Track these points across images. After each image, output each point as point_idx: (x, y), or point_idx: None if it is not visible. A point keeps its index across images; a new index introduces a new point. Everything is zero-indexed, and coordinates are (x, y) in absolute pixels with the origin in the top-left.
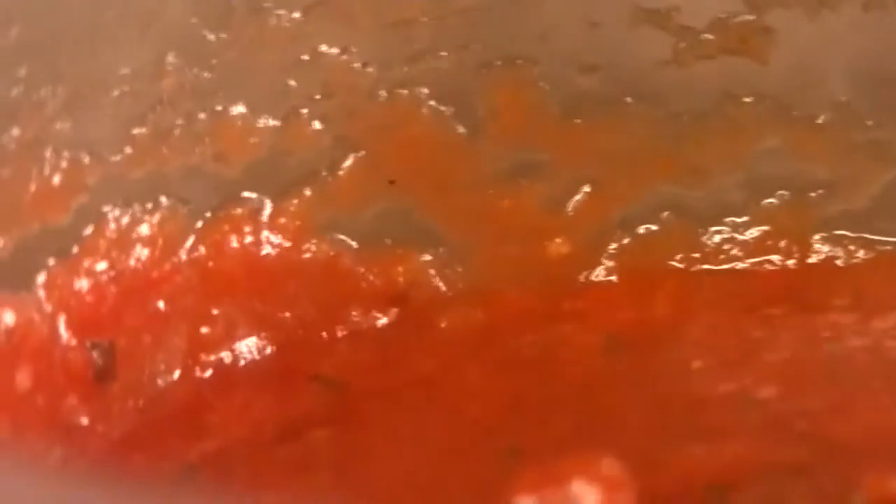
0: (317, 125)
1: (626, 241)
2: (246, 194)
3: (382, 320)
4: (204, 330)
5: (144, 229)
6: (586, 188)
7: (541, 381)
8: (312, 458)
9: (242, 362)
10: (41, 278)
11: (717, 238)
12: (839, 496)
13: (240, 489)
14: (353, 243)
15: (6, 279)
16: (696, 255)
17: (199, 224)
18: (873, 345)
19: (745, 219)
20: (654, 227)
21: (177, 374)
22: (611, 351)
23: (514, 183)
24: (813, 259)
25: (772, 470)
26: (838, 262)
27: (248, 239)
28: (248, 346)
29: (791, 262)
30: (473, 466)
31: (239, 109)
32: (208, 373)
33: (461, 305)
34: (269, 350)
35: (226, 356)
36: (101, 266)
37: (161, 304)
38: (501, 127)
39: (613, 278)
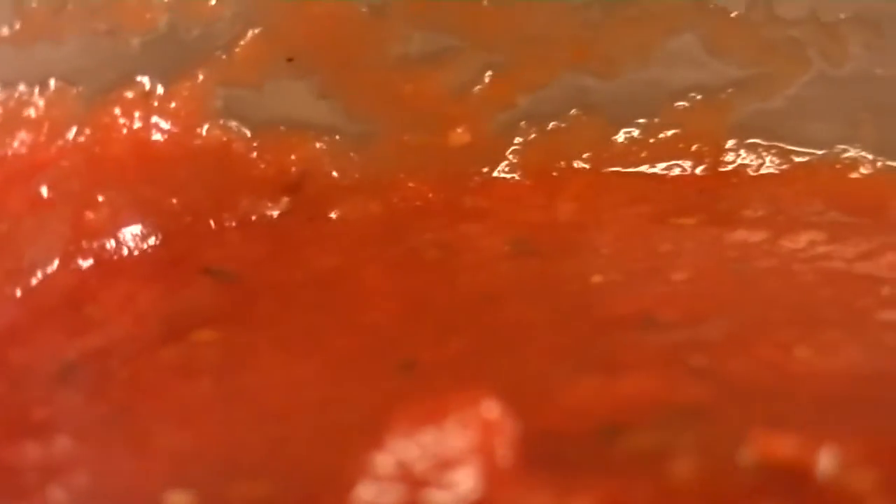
0: (213, 0)
1: (532, 136)
2: (138, 78)
3: (274, 210)
4: (89, 216)
5: (31, 112)
6: (489, 73)
7: (442, 288)
8: (196, 363)
9: (126, 250)
10: None
11: (626, 138)
12: (727, 450)
13: (117, 393)
14: (246, 130)
15: None
16: (605, 155)
17: (88, 107)
18: (781, 267)
19: (655, 120)
20: (562, 125)
21: (57, 262)
22: (515, 256)
23: (417, 67)
24: (726, 168)
25: (665, 411)
26: (751, 172)
27: (138, 124)
28: (134, 234)
29: (702, 169)
30: (363, 382)
31: None
32: (90, 261)
33: (357, 196)
34: (155, 238)
35: (109, 244)
36: None
37: (44, 190)
38: (407, 6)
39: (517, 175)
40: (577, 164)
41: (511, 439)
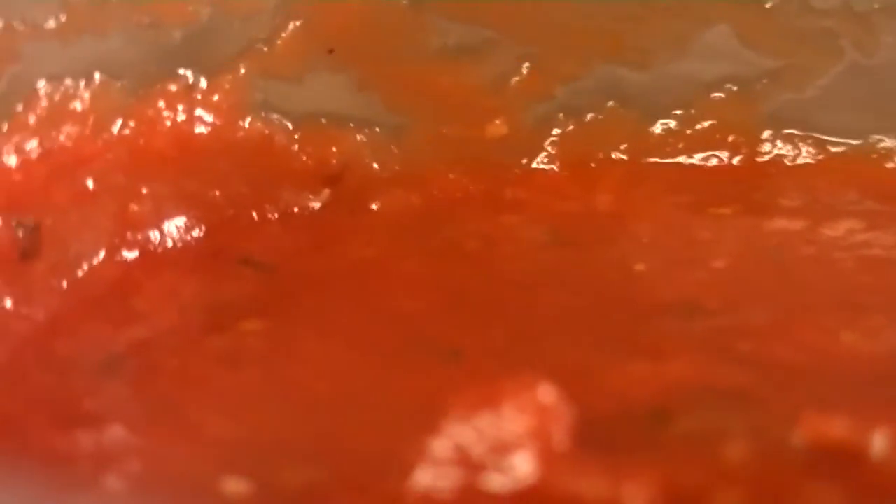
0: None
1: (570, 128)
2: (181, 71)
3: (315, 202)
4: (133, 208)
5: (76, 105)
6: (526, 65)
7: (481, 278)
8: (242, 353)
9: (171, 243)
10: None
11: (663, 130)
12: (778, 432)
13: (164, 383)
14: (288, 123)
15: None
16: (642, 146)
17: (132, 100)
18: (820, 255)
19: (692, 111)
20: (599, 117)
21: (102, 254)
22: (553, 246)
23: (455, 59)
24: (762, 158)
25: (712, 395)
26: (787, 162)
27: (181, 117)
28: (177, 226)
29: (738, 159)
30: (411, 370)
31: None
32: (135, 253)
33: (397, 188)
34: (198, 231)
35: (154, 236)
36: (31, 144)
37: (90, 183)
38: None
39: (556, 167)
40: (614, 155)
41: (566, 423)
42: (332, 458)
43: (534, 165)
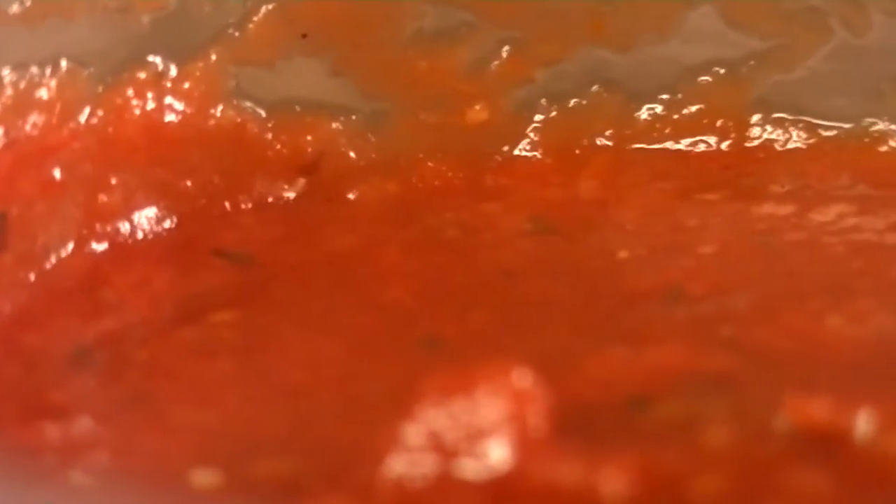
0: None
1: (553, 113)
2: (150, 58)
3: (290, 192)
4: (102, 199)
5: (42, 93)
6: (506, 49)
7: (462, 266)
8: (214, 344)
9: (141, 234)
10: None
11: (649, 115)
12: (761, 416)
13: (134, 375)
14: (261, 110)
15: None
16: (628, 131)
17: (100, 88)
18: (809, 240)
19: (678, 96)
20: (583, 102)
21: (71, 245)
22: (536, 234)
23: (433, 43)
24: (752, 143)
25: (694, 380)
26: (777, 147)
27: (151, 105)
28: (148, 217)
29: (727, 144)
30: (387, 358)
31: None
32: (104, 245)
33: (374, 176)
34: (169, 221)
35: (123, 227)
36: None
37: (57, 173)
38: None
39: (538, 153)
40: (599, 141)
41: (543, 409)
42: (305, 448)
43: (516, 152)
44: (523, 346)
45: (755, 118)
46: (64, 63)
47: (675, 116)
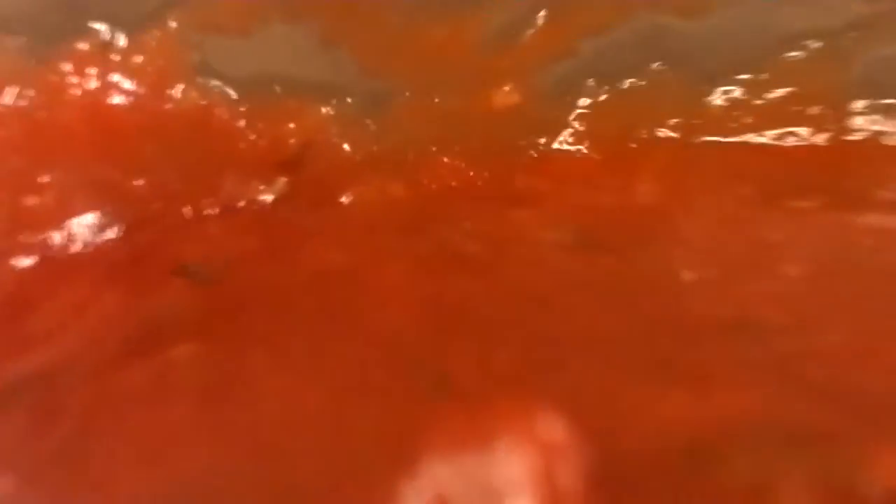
0: None
1: (602, 97)
2: (93, 24)
3: (267, 194)
4: (29, 201)
5: None
6: (543, 13)
7: (483, 289)
8: (170, 385)
9: (79, 246)
10: None
11: (723, 100)
12: (847, 476)
13: (67, 425)
14: (231, 91)
15: None
16: (697, 121)
17: (31, 63)
18: None
19: (762, 76)
20: (640, 83)
21: None
22: (578, 250)
23: (449, 7)
24: (853, 136)
25: (769, 434)
26: (885, 141)
27: (94, 84)
28: (88, 224)
29: (824, 138)
30: (385, 405)
31: None
32: (32, 259)
33: (373, 175)
34: (115, 230)
35: (57, 237)
36: None
37: None
38: None
39: (584, 148)
40: (660, 132)
41: (577, 465)
42: None
43: (555, 146)
44: (555, 388)
45: (859, 105)
46: None
47: (758, 102)
